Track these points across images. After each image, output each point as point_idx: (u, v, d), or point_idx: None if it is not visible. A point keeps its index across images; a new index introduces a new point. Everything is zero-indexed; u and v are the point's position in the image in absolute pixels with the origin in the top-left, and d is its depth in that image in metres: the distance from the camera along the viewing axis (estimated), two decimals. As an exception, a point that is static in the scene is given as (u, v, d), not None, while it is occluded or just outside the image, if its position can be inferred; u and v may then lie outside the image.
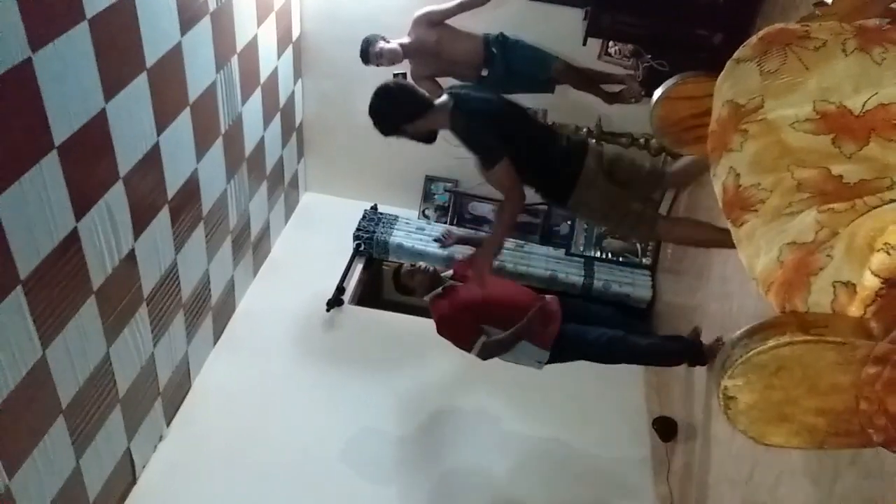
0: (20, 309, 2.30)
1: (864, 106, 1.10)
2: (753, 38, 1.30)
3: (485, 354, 3.28)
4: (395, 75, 3.91)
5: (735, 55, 1.33)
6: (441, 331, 3.35)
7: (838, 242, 0.98)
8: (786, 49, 1.21)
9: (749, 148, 1.19)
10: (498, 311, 3.30)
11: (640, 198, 3.08)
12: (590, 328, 3.39)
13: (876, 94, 1.10)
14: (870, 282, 0.90)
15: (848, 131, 1.10)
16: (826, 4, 1.35)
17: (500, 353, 3.29)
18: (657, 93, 1.59)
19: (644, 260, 4.80)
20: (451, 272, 3.57)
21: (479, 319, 3.28)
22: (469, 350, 3.29)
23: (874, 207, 1.00)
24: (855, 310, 0.92)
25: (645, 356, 3.56)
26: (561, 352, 3.33)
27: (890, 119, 1.07)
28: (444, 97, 2.98)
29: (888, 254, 0.89)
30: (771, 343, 0.92)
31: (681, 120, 1.54)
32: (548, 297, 3.49)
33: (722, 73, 1.35)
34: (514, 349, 3.29)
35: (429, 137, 3.09)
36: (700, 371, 3.38)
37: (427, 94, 2.99)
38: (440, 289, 3.39)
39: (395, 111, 2.90)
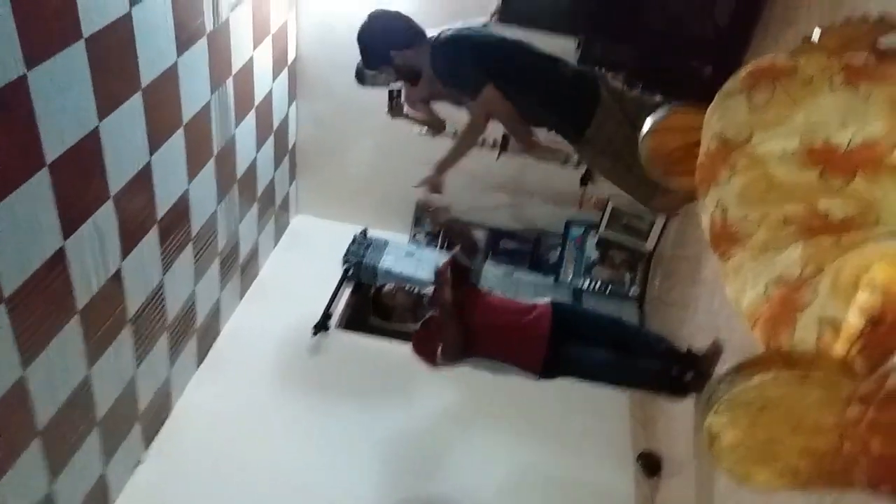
0: (3, 327, 2.27)
1: (850, 142, 1.12)
2: (742, 72, 1.32)
3: (447, 357, 3.10)
4: (391, 91, 3.95)
5: (723, 88, 1.35)
6: (420, 354, 3.22)
7: (824, 279, 0.99)
8: (774, 83, 1.23)
9: (737, 181, 1.21)
10: (482, 338, 3.14)
11: None
12: (585, 353, 3.22)
13: (862, 129, 1.12)
14: (855, 320, 0.91)
15: (834, 166, 1.12)
16: (813, 39, 1.37)
17: (454, 356, 3.11)
18: (646, 125, 1.61)
19: (632, 291, 4.81)
20: (428, 290, 3.35)
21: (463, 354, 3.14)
22: (435, 362, 3.14)
23: (860, 241, 1.01)
24: (840, 348, 0.92)
25: (645, 386, 3.44)
26: (552, 377, 3.18)
27: (875, 155, 1.09)
28: (432, 39, 2.81)
29: (873, 291, 0.89)
30: (756, 380, 0.92)
31: (670, 152, 1.56)
32: (539, 305, 3.27)
33: (711, 105, 1.37)
34: (502, 370, 3.16)
35: (411, 75, 2.92)
36: (686, 406, 3.37)
37: (419, 26, 2.80)
38: (419, 325, 3.20)
39: (388, 36, 2.72)
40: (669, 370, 3.23)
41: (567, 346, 3.18)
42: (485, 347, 3.12)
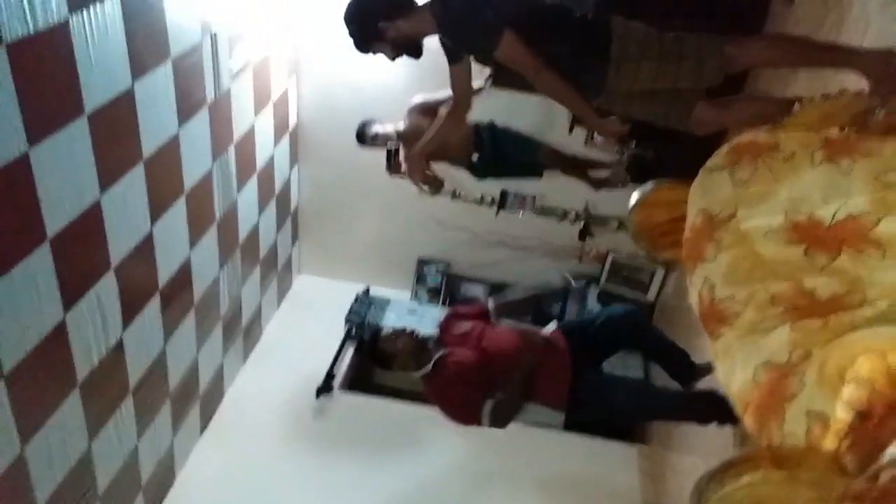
0: (2, 404, 2.24)
1: (833, 216, 1.12)
2: (725, 148, 1.34)
3: (498, 420, 2.86)
4: (389, 150, 4.00)
5: (707, 164, 1.36)
6: (445, 412, 2.94)
7: (810, 368, 0.97)
8: (756, 159, 1.24)
9: (723, 258, 1.21)
10: (497, 371, 2.90)
11: None
12: (608, 379, 3.08)
13: (845, 204, 1.12)
14: (842, 414, 0.89)
15: (819, 243, 1.11)
16: (793, 114, 1.39)
17: (513, 412, 2.89)
18: (633, 199, 1.62)
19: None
20: (436, 332, 3.18)
21: (479, 386, 2.87)
22: (480, 422, 2.86)
23: (848, 324, 0.99)
24: (829, 443, 0.90)
25: (671, 414, 3.21)
26: (579, 412, 2.99)
27: (859, 230, 1.08)
28: (424, 5, 2.54)
29: (859, 386, 0.88)
30: (745, 480, 0.90)
31: (657, 225, 1.56)
32: (550, 332, 3.10)
33: (695, 181, 1.38)
34: (528, 413, 2.93)
35: (412, 48, 2.70)
36: (695, 461, 3.30)
37: None
38: (430, 366, 2.93)
39: (373, 8, 2.50)
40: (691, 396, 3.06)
41: (590, 377, 3.00)
42: (500, 376, 2.89)
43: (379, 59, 4.46)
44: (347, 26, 2.56)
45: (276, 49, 4.06)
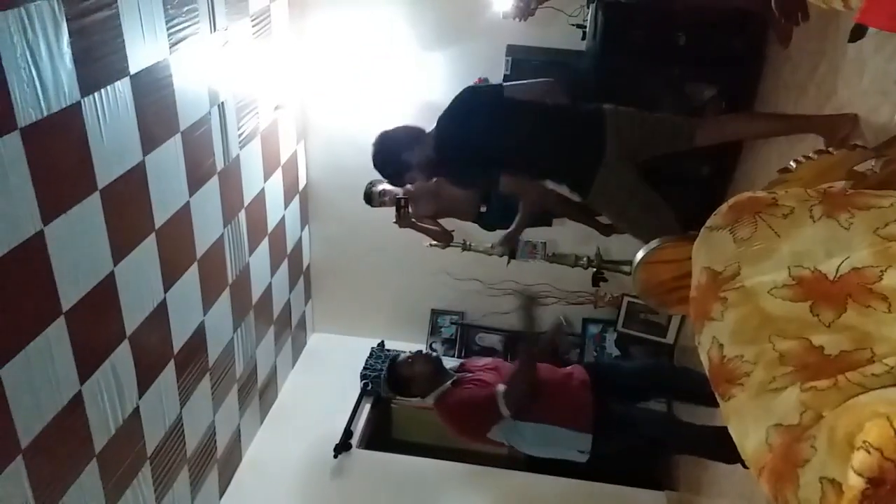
0: (19, 479, 2.26)
1: (838, 270, 1.12)
2: (724, 207, 1.35)
3: (514, 397, 2.84)
4: (398, 199, 4.05)
5: (707, 223, 1.37)
6: (454, 431, 2.99)
7: (820, 433, 0.97)
8: (756, 217, 1.25)
9: (730, 317, 1.21)
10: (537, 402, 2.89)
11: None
12: (633, 409, 3.05)
13: (848, 258, 1.12)
14: (854, 481, 0.89)
15: (825, 298, 1.11)
16: (790, 170, 1.41)
17: (527, 387, 2.86)
18: (637, 257, 1.63)
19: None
20: (458, 365, 3.21)
21: (491, 413, 2.87)
22: (486, 439, 2.91)
23: (858, 384, 0.99)
24: None
25: (696, 446, 3.13)
26: (606, 436, 2.92)
27: (864, 283, 1.09)
28: (432, 129, 2.86)
29: (868, 452, 0.88)
30: None
31: (662, 283, 1.57)
32: (574, 368, 3.11)
33: (697, 240, 1.39)
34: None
35: (436, 168, 2.92)
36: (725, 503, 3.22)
37: (417, 126, 2.89)
38: (448, 383, 2.97)
39: (392, 145, 2.83)
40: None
41: (614, 404, 2.97)
42: (539, 411, 2.90)
43: (385, 120, 4.59)
44: (380, 170, 2.88)
45: (283, 114, 4.17)
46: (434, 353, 3.17)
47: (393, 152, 2.81)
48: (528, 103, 2.79)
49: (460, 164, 2.78)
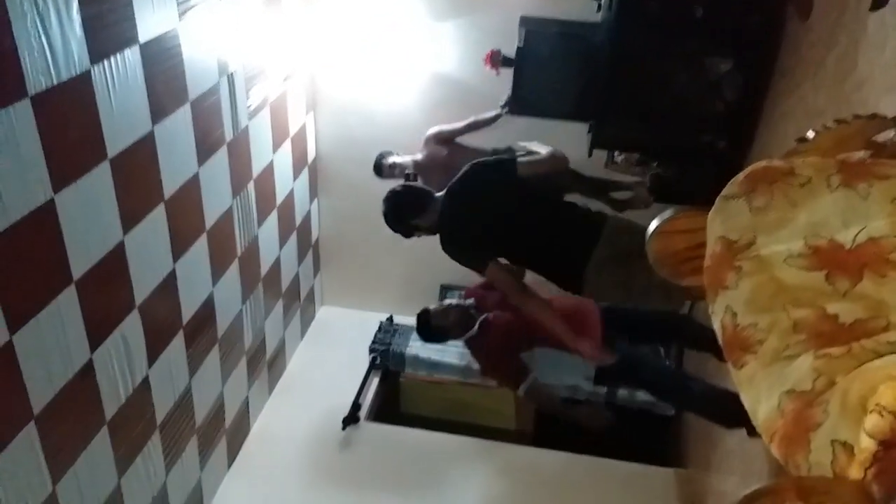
0: (32, 445, 2.28)
1: (854, 240, 1.11)
2: (740, 176, 1.33)
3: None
4: (407, 175, 4.05)
5: (723, 192, 1.35)
6: (487, 373, 3.32)
7: (833, 398, 0.96)
8: (772, 186, 1.23)
9: (744, 286, 1.20)
10: (536, 330, 3.09)
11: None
12: (639, 349, 3.21)
13: (864, 228, 1.11)
14: (866, 444, 0.88)
15: (841, 267, 1.10)
16: (807, 140, 1.38)
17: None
18: (651, 227, 1.62)
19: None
20: (472, 301, 3.41)
21: (519, 347, 3.18)
22: (516, 390, 3.18)
23: (872, 351, 0.98)
24: (855, 472, 0.89)
25: (701, 401, 3.20)
26: (607, 371, 3.15)
27: (881, 253, 1.07)
28: (441, 194, 3.00)
29: (881, 415, 0.87)
30: None
31: (677, 253, 1.56)
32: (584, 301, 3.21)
33: (712, 209, 1.37)
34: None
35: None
36: (735, 483, 3.23)
37: (426, 190, 3.05)
38: (475, 328, 3.24)
39: (403, 208, 2.98)
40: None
41: (620, 343, 3.13)
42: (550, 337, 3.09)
43: (395, 91, 4.56)
44: (391, 227, 3.07)
45: (293, 85, 4.14)
46: (461, 304, 3.35)
47: (404, 215, 2.98)
48: (534, 193, 2.92)
49: (457, 240, 2.93)
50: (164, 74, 2.72)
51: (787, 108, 3.12)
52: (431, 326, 3.31)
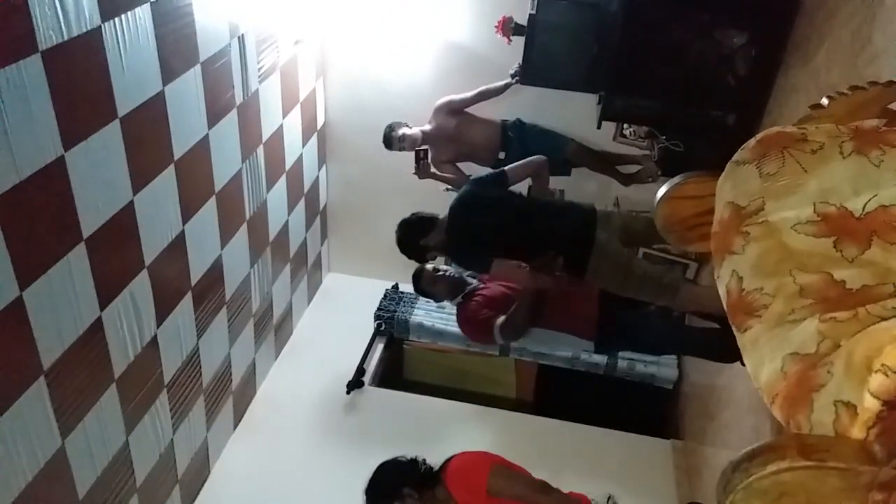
0: (41, 400, 2.33)
1: (864, 208, 1.10)
2: (752, 142, 1.32)
3: (509, 333, 3.17)
4: (418, 151, 4.05)
5: (734, 158, 1.35)
6: (466, 332, 3.42)
7: (838, 359, 0.97)
8: (783, 152, 1.23)
9: (751, 251, 1.20)
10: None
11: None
12: (637, 315, 3.31)
13: (876, 195, 1.10)
14: (870, 403, 0.89)
15: (849, 234, 1.10)
16: (822, 106, 1.37)
17: (522, 325, 3.17)
18: (660, 193, 1.62)
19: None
20: (475, 283, 3.48)
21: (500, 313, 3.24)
22: (493, 340, 3.22)
23: (877, 317, 0.99)
24: (857, 432, 0.90)
25: (699, 347, 3.45)
26: (608, 342, 3.34)
27: (890, 221, 1.07)
28: (445, 216, 3.19)
29: (886, 375, 0.87)
30: (771, 468, 0.90)
31: (685, 219, 1.56)
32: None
33: (722, 174, 1.37)
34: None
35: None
36: (730, 456, 3.26)
37: (432, 214, 3.23)
38: (461, 297, 3.36)
39: (411, 234, 3.18)
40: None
41: (619, 314, 3.24)
42: (543, 319, 3.25)
43: (405, 59, 4.53)
44: (405, 253, 3.26)
45: (303, 50, 4.11)
46: (457, 275, 3.43)
47: (413, 239, 3.18)
48: (526, 198, 3.35)
49: (465, 249, 3.15)
50: (174, 34, 2.71)
51: (799, 83, 3.09)
52: (420, 286, 3.50)
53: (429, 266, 3.42)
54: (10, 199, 2.02)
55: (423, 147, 4.11)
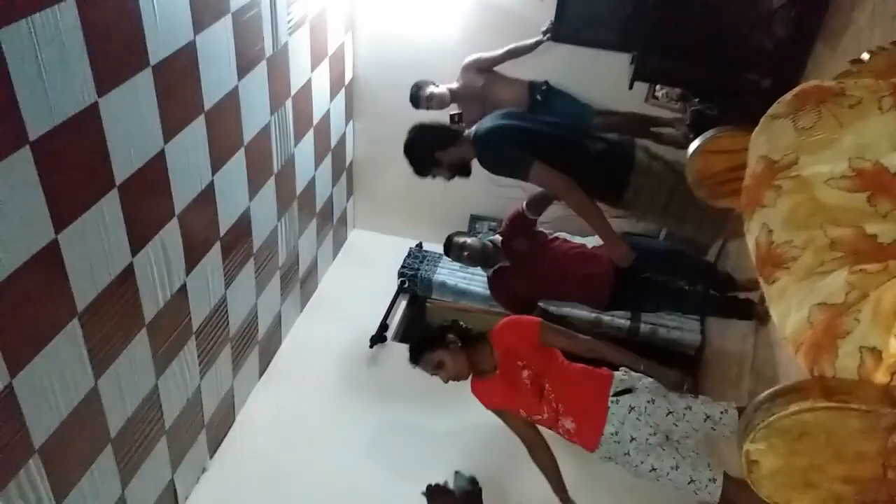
0: (76, 340, 2.40)
1: None
2: (788, 95, 1.30)
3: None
4: (452, 115, 4.02)
5: (769, 111, 1.33)
6: (497, 299, 3.63)
7: (865, 307, 0.97)
8: (820, 106, 1.21)
9: (782, 204, 1.19)
10: (551, 287, 3.49)
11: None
12: (649, 287, 3.46)
13: None
14: (895, 349, 0.89)
15: (884, 189, 1.09)
16: (862, 62, 1.34)
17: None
18: (693, 146, 1.60)
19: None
20: (498, 238, 3.60)
21: (533, 301, 3.52)
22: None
23: None
24: (881, 376, 0.90)
25: (722, 308, 3.64)
26: (617, 308, 3.64)
27: None
28: (469, 132, 3.10)
29: None
30: (793, 408, 0.91)
31: (717, 173, 1.55)
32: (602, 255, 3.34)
33: (757, 128, 1.36)
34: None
35: (463, 170, 3.17)
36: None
37: (457, 127, 3.13)
38: (491, 272, 3.55)
39: (427, 141, 3.02)
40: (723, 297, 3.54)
41: (631, 288, 3.37)
42: (555, 292, 3.50)
43: (434, 15, 4.47)
44: (408, 157, 3.06)
45: (332, 3, 4.08)
46: (482, 244, 3.52)
47: (428, 147, 2.99)
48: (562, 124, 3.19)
49: (499, 147, 2.96)
50: (205, -17, 2.71)
51: (839, 46, 3.00)
52: (450, 253, 3.59)
53: (458, 239, 3.51)
54: (46, 143, 2.06)
55: (458, 112, 4.08)
